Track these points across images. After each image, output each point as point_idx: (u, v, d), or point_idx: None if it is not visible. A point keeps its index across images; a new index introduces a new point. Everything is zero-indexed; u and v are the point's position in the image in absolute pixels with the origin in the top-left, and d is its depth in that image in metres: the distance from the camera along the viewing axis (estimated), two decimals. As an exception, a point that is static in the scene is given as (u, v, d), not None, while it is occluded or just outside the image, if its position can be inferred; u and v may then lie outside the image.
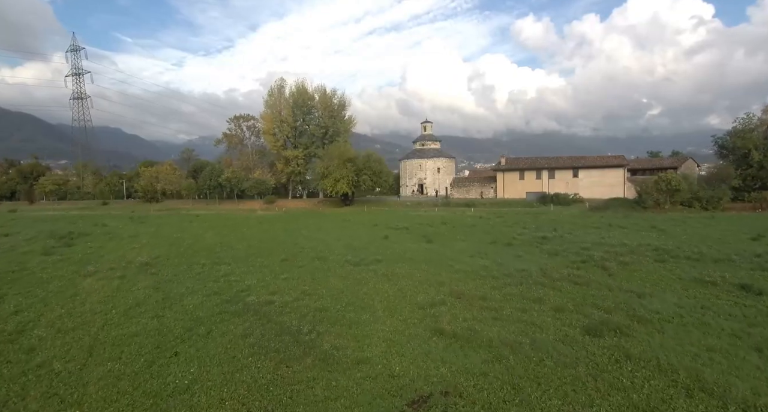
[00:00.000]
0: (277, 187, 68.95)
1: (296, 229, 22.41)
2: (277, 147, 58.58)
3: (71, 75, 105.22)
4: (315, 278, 10.02)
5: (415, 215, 33.50)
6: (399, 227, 21.99)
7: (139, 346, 5.92)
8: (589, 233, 18.07)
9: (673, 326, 6.28)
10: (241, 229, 23.03)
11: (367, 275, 10.31)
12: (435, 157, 65.88)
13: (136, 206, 55.98)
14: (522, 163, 49.54)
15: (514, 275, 9.94)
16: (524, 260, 11.84)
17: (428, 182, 65.63)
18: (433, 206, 42.83)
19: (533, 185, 45.83)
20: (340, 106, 60.36)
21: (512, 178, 49.25)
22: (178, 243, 17.03)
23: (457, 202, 43.82)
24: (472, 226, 22.16)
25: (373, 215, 33.73)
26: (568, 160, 49.18)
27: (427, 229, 21.07)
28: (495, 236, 17.69)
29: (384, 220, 27.62)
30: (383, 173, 45.51)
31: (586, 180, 43.94)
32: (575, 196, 39.61)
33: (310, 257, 13.14)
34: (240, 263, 12.27)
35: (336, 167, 43.63)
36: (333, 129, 59.26)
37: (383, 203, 48.41)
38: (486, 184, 50.60)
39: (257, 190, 47.90)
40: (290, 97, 58.98)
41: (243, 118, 63.39)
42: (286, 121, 57.48)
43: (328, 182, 44.26)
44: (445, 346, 5.68)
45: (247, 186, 49.20)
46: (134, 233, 21.29)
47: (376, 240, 16.99)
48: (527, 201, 41.21)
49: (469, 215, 32.14)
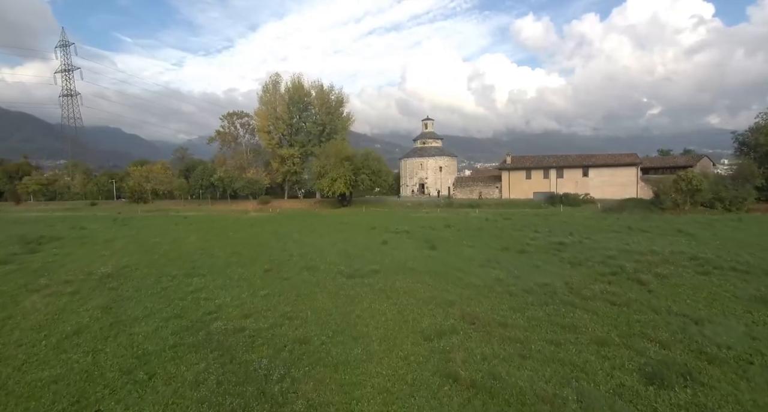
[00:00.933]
0: (272, 187, 67.58)
1: (287, 232, 21.03)
2: (272, 145, 57.15)
3: (61, 71, 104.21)
4: (300, 295, 8.65)
5: (417, 216, 32.15)
6: (399, 230, 20.62)
7: (52, 399, 4.54)
8: (610, 237, 16.69)
9: (757, 369, 4.90)
10: (227, 232, 21.66)
11: (362, 290, 8.94)
12: (436, 155, 64.46)
13: (124, 206, 54.62)
14: (528, 161, 48.35)
15: (535, 291, 8.57)
16: (544, 272, 10.47)
17: (429, 182, 64.24)
18: (435, 206, 41.46)
19: (541, 185, 44.42)
20: (337, 102, 58.94)
21: (518, 177, 47.72)
22: (154, 249, 15.65)
23: (460, 202, 42.47)
24: (479, 229, 20.78)
25: (372, 217, 32.37)
26: (578, 159, 47.06)
27: (429, 233, 19.70)
28: (506, 241, 16.31)
29: (383, 222, 26.26)
30: (382, 172, 44.14)
31: (596, 179, 42.53)
32: (586, 196, 38.21)
33: (298, 266, 11.77)
34: (217, 274, 10.89)
35: (333, 166, 42.21)
36: (330, 126, 57.84)
37: (383, 204, 47.05)
38: (490, 184, 49.18)
39: (249, 191, 46.49)
40: (286, 93, 57.59)
41: (237, 116, 61.95)
42: (282, 118, 56.08)
43: (325, 182, 42.85)
44: (461, 402, 4.30)
45: (239, 186, 47.78)
46: (111, 237, 19.90)
47: (374, 246, 15.62)
48: (535, 201, 39.82)
49: (473, 216, 30.77)
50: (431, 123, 69.09)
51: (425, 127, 69.04)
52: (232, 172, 56.63)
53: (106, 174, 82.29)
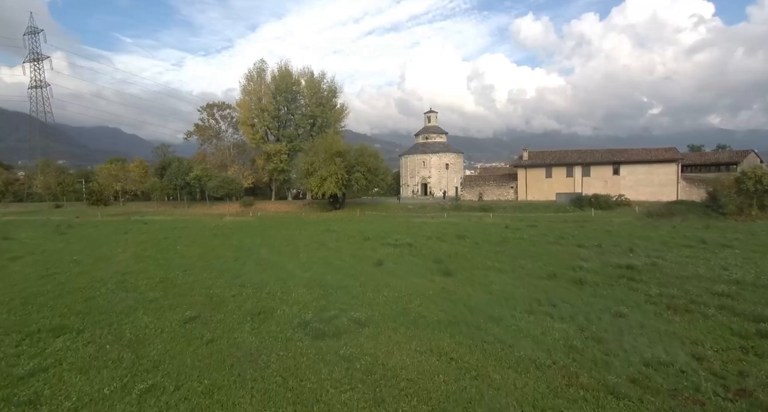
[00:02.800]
0: (258, 187, 63.72)
1: (255, 246, 17.15)
2: (257, 140, 53.13)
3: (29, 61, 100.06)
4: (209, 393, 4.76)
5: (420, 222, 28.29)
6: (399, 242, 16.75)
7: None
8: (688, 256, 12.83)
9: None
10: (179, 245, 17.76)
11: (330, 374, 5.09)
12: (441, 151, 60.54)
13: (86, 210, 50.56)
14: (549, 157, 43.39)
15: (656, 386, 4.71)
16: (639, 328, 6.60)
17: (433, 181, 60.36)
18: (441, 210, 37.63)
19: (563, 184, 40.27)
20: (330, 92, 55.05)
21: (537, 175, 42.40)
22: (57, 274, 11.73)
23: (469, 204, 38.62)
24: (503, 242, 16.91)
25: (367, 223, 28.53)
26: (607, 154, 41.59)
27: (439, 247, 15.85)
28: (546, 261, 12.46)
29: (379, 230, 22.41)
30: (380, 171, 40.23)
31: (629, 178, 38.35)
32: (620, 198, 34.20)
33: (242, 310, 7.93)
34: (103, 327, 7.02)
35: (322, 163, 38.22)
36: (322, 119, 53.97)
37: (380, 207, 43.19)
38: (503, 184, 45.02)
39: (224, 191, 42.42)
40: (272, 82, 53.73)
41: (218, 107, 57.87)
42: (267, 109, 52.11)
43: (313, 181, 38.86)
44: None
45: (212, 186, 43.70)
46: (18, 255, 15.97)
47: (364, 269, 11.76)
48: (557, 204, 35.84)
49: (489, 222, 26.92)
50: (435, 116, 65.22)
51: (428, 120, 65.16)
52: (212, 171, 52.77)
53: (81, 173, 78.26)
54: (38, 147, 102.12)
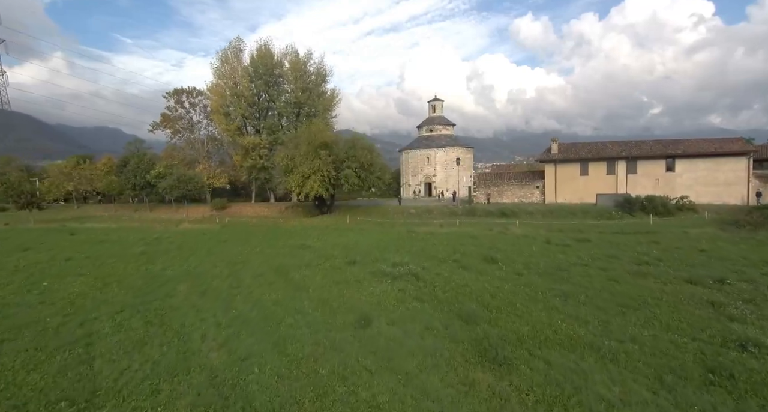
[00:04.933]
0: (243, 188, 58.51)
1: (178, 277, 11.86)
2: (231, 132, 47.84)
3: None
4: None
5: (427, 233, 23.05)
6: (399, 271, 11.47)
7: None
8: None
9: None
10: (70, 274, 12.46)
11: None
12: (448, 145, 55.29)
13: (21, 215, 44.83)
14: (584, 150, 37.50)
15: None
16: None
17: (438, 180, 55.12)
18: (451, 215, 32.35)
19: (602, 183, 34.63)
20: (318, 76, 49.76)
21: (569, 172, 36.49)
22: None
23: (485, 209, 33.38)
24: (558, 270, 11.62)
25: (357, 234, 23.29)
26: (657, 146, 35.08)
27: (461, 280, 10.59)
28: (663, 318, 7.17)
29: (372, 246, 17.16)
30: (375, 167, 34.96)
31: (686, 175, 32.77)
32: (683, 200, 28.69)
33: None
34: None
35: (304, 157, 32.92)
36: (309, 107, 48.72)
37: (376, 211, 37.94)
38: (527, 183, 39.14)
39: (180, 192, 36.90)
40: (250, 64, 48.45)
41: (187, 93, 52.47)
42: (243, 95, 46.82)
43: (293, 180, 33.54)
44: None
45: (166, 186, 38.14)
46: None
47: (334, 339, 6.48)
48: (599, 208, 30.45)
49: (518, 233, 21.64)
50: (440, 105, 59.99)
51: (432, 109, 59.93)
52: (179, 168, 47.49)
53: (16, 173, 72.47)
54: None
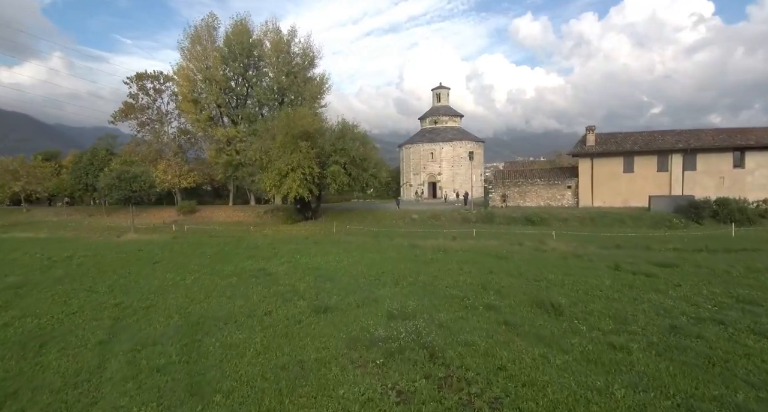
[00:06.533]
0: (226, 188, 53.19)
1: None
2: (202, 122, 42.39)
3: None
4: None
5: (435, 249, 17.62)
6: (398, 333, 6.04)
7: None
8: None
9: None
10: None
11: None
12: (456, 139, 49.90)
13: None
14: (628, 141, 31.19)
15: None
16: None
17: (444, 179, 49.73)
18: (464, 222, 26.97)
19: (652, 182, 28.13)
20: (306, 58, 44.33)
21: (610, 169, 30.50)
22: None
23: (506, 214, 28.00)
24: (674, 330, 6.17)
25: (341, 251, 17.83)
26: (722, 136, 29.41)
27: (512, 356, 5.09)
28: None
29: (358, 275, 11.68)
30: (370, 163, 29.59)
31: (760, 172, 27.00)
32: (766, 205, 23.07)
33: None
34: None
35: (281, 150, 27.51)
36: (294, 93, 43.32)
37: (371, 216, 32.55)
38: (556, 182, 33.21)
39: (121, 193, 31.20)
40: (224, 43, 43.02)
41: (152, 78, 47.00)
42: (216, 79, 41.37)
43: (267, 178, 28.15)
44: None
45: (104, 186, 32.31)
46: None
47: None
48: (653, 213, 24.90)
49: (564, 252, 16.19)
50: (446, 93, 54.57)
51: (437, 98, 54.49)
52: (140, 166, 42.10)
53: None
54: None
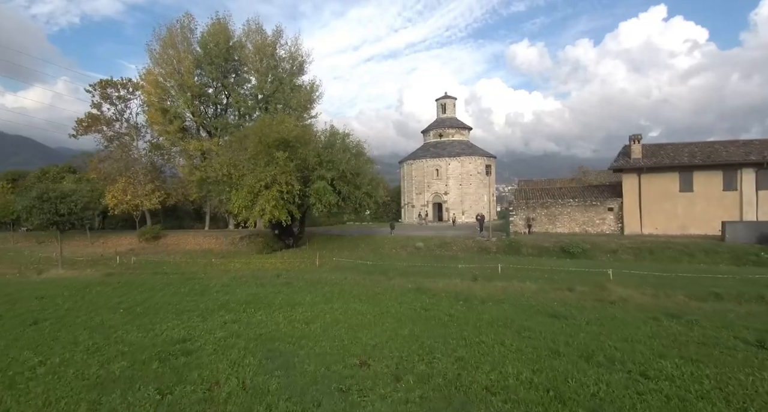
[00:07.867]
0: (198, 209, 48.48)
1: None
2: (172, 134, 37.88)
3: None
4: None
5: (454, 299, 12.51)
6: None
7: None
8: None
9: None
10: None
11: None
12: (464, 154, 45.36)
13: None
14: (683, 153, 25.99)
15: None
16: None
17: (451, 199, 44.93)
18: (481, 252, 21.99)
19: (716, 203, 23.94)
20: (293, 62, 40.28)
21: (662, 187, 25.35)
22: None
23: (534, 242, 23.10)
24: None
25: (318, 303, 12.61)
26: None
27: None
28: None
29: (334, 351, 6.57)
30: (364, 178, 24.86)
31: None
32: None
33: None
34: None
35: (252, 162, 22.72)
36: (280, 102, 39.01)
37: (365, 243, 27.60)
38: (593, 203, 27.72)
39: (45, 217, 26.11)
40: (200, 45, 38.94)
41: (120, 85, 42.61)
42: (188, 85, 37.10)
43: (238, 198, 23.41)
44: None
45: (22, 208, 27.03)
46: None
47: None
48: (729, 245, 19.87)
49: (640, 304, 11.08)
50: (452, 104, 50.36)
51: (442, 109, 50.23)
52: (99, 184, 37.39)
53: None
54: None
